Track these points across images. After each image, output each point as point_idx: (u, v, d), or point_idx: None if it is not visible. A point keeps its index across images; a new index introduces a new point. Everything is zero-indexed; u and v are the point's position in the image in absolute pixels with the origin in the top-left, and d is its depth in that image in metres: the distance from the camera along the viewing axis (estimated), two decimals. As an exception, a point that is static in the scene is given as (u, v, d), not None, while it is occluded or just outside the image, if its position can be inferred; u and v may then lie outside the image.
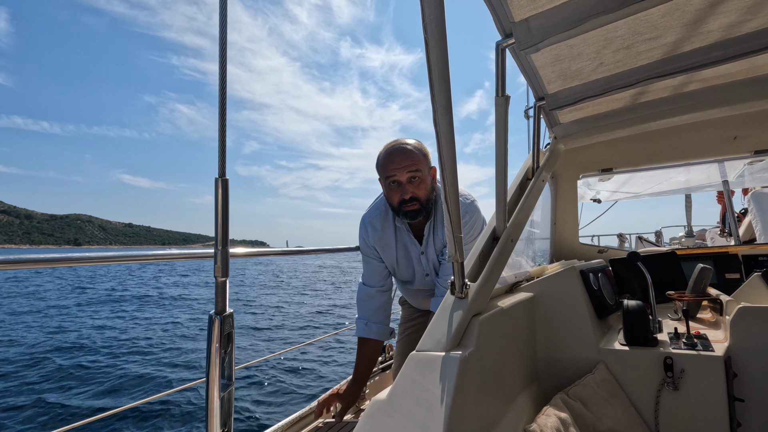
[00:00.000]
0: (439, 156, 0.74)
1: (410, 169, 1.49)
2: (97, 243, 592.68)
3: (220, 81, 0.78)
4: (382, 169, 1.55)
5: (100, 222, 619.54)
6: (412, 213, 1.53)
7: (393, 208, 1.58)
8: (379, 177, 1.61)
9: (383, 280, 1.75)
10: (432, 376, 0.71)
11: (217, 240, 0.81)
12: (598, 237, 7.64)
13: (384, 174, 1.53)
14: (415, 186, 1.50)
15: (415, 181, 1.50)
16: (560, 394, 1.05)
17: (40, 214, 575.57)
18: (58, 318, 14.57)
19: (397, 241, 1.68)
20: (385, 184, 1.55)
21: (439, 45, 0.65)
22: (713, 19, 1.07)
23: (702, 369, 1.06)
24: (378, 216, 1.69)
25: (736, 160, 2.30)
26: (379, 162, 1.57)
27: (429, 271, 1.68)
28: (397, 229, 1.67)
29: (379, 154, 1.58)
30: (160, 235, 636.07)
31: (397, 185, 1.51)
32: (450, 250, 0.82)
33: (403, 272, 1.74)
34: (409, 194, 1.49)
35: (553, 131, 1.89)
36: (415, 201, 1.51)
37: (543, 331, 1.25)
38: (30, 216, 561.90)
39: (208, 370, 0.83)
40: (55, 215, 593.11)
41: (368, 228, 1.70)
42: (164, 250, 1.18)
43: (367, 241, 1.71)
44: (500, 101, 1.02)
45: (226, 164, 0.80)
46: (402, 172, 1.49)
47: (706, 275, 1.47)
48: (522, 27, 1.03)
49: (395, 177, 1.50)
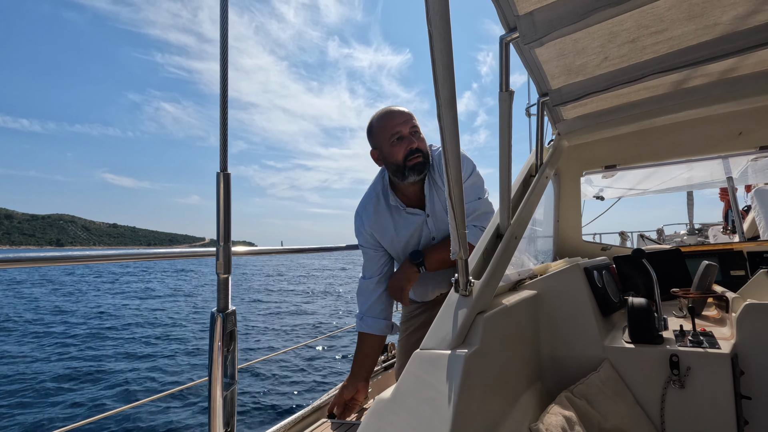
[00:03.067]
0: (443, 150, 0.73)
1: (410, 122, 1.55)
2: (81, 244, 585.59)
3: (221, 78, 0.77)
4: (382, 130, 1.56)
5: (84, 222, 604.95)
6: (418, 166, 1.54)
7: (398, 168, 1.56)
8: (373, 147, 1.62)
9: (381, 268, 1.73)
10: (437, 374, 0.70)
11: (219, 236, 0.80)
12: (600, 235, 7.63)
13: (387, 133, 1.55)
14: (417, 138, 1.56)
15: (416, 134, 1.56)
16: (565, 392, 1.04)
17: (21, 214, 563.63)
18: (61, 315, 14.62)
19: (394, 221, 1.67)
20: (388, 143, 1.55)
21: (444, 38, 0.64)
22: (720, 12, 1.05)
23: (708, 366, 1.05)
24: (370, 201, 1.70)
25: (740, 157, 2.29)
26: (376, 125, 1.58)
27: (435, 234, 1.65)
28: (392, 209, 1.67)
29: (372, 122, 1.61)
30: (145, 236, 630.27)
31: (401, 140, 1.54)
32: (454, 248, 0.81)
33: (404, 250, 1.70)
34: (415, 144, 1.54)
35: (556, 127, 1.87)
36: (419, 153, 1.54)
37: (547, 328, 1.24)
38: (10, 216, 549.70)
39: (211, 369, 0.82)
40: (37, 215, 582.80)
41: (362, 216, 1.71)
42: (166, 249, 1.17)
43: (363, 230, 1.70)
44: (504, 96, 1.01)
45: (227, 158, 0.79)
46: (404, 126, 1.54)
47: (711, 272, 1.46)
48: (526, 20, 1.02)
49: (399, 132, 1.53)
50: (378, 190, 1.70)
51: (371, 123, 1.61)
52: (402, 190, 1.65)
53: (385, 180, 1.69)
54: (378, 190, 1.70)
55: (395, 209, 1.66)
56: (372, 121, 1.61)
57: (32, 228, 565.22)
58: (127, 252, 1.06)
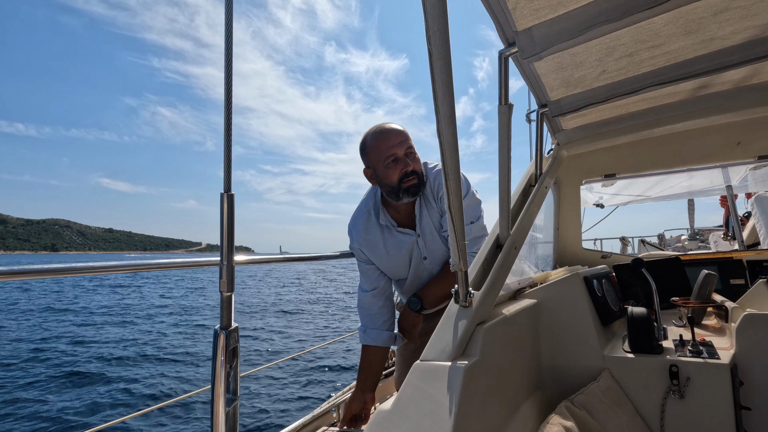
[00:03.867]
0: (443, 165, 0.75)
1: (406, 144, 1.52)
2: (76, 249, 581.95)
3: (226, 95, 0.79)
4: (376, 151, 1.52)
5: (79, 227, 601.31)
6: (413, 188, 1.52)
7: (392, 190, 1.53)
8: (367, 165, 1.58)
9: (377, 281, 1.71)
10: (437, 385, 0.71)
11: (223, 254, 0.81)
12: (600, 240, 7.62)
13: (382, 155, 1.51)
14: (412, 160, 1.53)
15: (411, 155, 1.53)
16: (565, 402, 1.05)
17: (16, 219, 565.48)
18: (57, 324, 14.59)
19: (384, 239, 1.65)
20: (383, 165, 1.52)
21: (443, 56, 0.66)
22: (716, 27, 1.07)
23: (708, 377, 1.05)
24: (361, 218, 1.68)
25: (740, 165, 2.30)
26: (371, 145, 1.54)
27: (426, 254, 1.64)
28: (382, 228, 1.65)
29: (366, 140, 1.56)
30: (141, 241, 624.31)
31: (396, 162, 1.51)
32: (453, 259, 0.82)
33: (396, 268, 1.69)
34: (410, 167, 1.51)
35: (555, 137, 1.89)
36: (415, 175, 1.52)
37: (547, 338, 1.24)
38: (4, 221, 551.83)
39: (213, 385, 0.82)
40: (31, 220, 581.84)
41: (352, 232, 1.70)
42: (168, 259, 1.17)
43: (354, 246, 1.70)
44: (503, 109, 1.03)
45: (231, 179, 0.81)
46: (400, 148, 1.51)
47: (710, 281, 1.47)
48: (525, 36, 1.04)
49: (395, 154, 1.50)
50: (369, 206, 1.68)
51: (365, 141, 1.57)
52: (395, 207, 1.63)
53: (377, 196, 1.67)
54: (369, 206, 1.68)
55: (386, 228, 1.65)
56: (365, 140, 1.57)
57: (27, 233, 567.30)
58: (132, 263, 1.07)
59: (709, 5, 0.97)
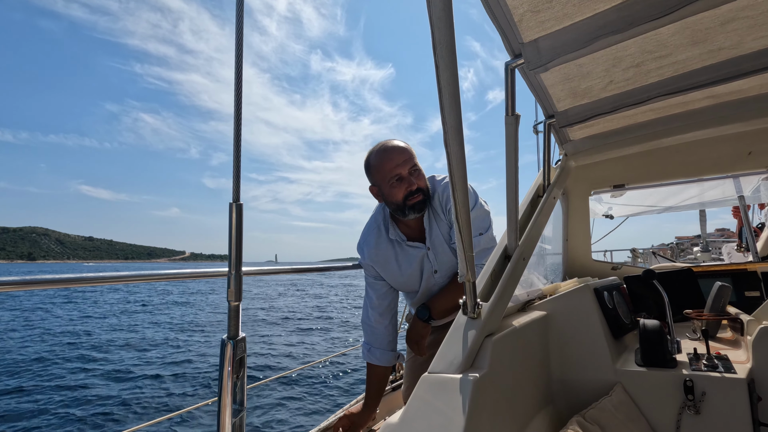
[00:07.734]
0: (450, 176, 0.75)
1: (410, 162, 1.52)
2: (54, 257, 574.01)
3: (236, 108, 0.80)
4: (381, 171, 1.52)
5: (58, 235, 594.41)
6: (418, 205, 1.52)
7: (398, 207, 1.55)
8: (373, 184, 1.59)
9: (385, 298, 1.71)
10: (445, 398, 0.70)
11: (231, 264, 0.82)
12: (611, 252, 7.52)
13: (386, 175, 1.52)
14: (416, 177, 1.53)
15: (415, 173, 1.54)
16: (576, 417, 1.02)
17: None
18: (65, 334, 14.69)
19: (396, 254, 1.66)
20: (388, 184, 1.52)
21: (450, 67, 0.66)
22: (723, 37, 1.07)
23: (724, 392, 1.02)
24: (371, 233, 1.69)
25: (752, 176, 2.27)
26: (375, 165, 1.54)
27: (437, 267, 1.64)
28: (393, 243, 1.66)
29: (370, 159, 1.57)
30: (123, 249, 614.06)
31: (401, 181, 1.52)
32: (461, 270, 0.81)
33: (407, 282, 1.70)
34: (415, 185, 1.51)
35: (563, 148, 1.88)
36: (420, 192, 1.52)
37: (557, 351, 1.22)
38: None
39: (220, 395, 0.82)
40: (7, 228, 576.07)
41: (363, 248, 1.70)
42: (176, 269, 1.18)
43: (364, 262, 1.70)
44: (510, 120, 1.03)
45: (240, 190, 0.81)
46: (404, 167, 1.51)
47: (724, 293, 1.44)
48: (531, 48, 1.05)
49: (399, 173, 1.51)
50: (379, 221, 1.69)
51: (369, 160, 1.58)
52: (404, 222, 1.64)
53: (386, 211, 1.68)
54: (379, 222, 1.69)
55: (396, 243, 1.66)
56: (369, 159, 1.57)
57: (2, 241, 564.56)
58: (138, 273, 1.08)
59: (715, 15, 0.97)
